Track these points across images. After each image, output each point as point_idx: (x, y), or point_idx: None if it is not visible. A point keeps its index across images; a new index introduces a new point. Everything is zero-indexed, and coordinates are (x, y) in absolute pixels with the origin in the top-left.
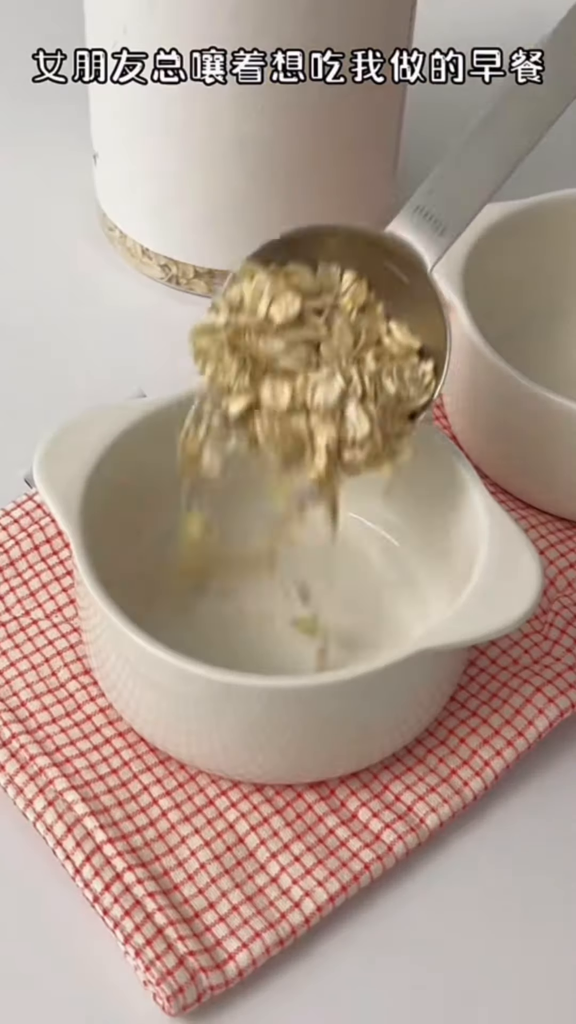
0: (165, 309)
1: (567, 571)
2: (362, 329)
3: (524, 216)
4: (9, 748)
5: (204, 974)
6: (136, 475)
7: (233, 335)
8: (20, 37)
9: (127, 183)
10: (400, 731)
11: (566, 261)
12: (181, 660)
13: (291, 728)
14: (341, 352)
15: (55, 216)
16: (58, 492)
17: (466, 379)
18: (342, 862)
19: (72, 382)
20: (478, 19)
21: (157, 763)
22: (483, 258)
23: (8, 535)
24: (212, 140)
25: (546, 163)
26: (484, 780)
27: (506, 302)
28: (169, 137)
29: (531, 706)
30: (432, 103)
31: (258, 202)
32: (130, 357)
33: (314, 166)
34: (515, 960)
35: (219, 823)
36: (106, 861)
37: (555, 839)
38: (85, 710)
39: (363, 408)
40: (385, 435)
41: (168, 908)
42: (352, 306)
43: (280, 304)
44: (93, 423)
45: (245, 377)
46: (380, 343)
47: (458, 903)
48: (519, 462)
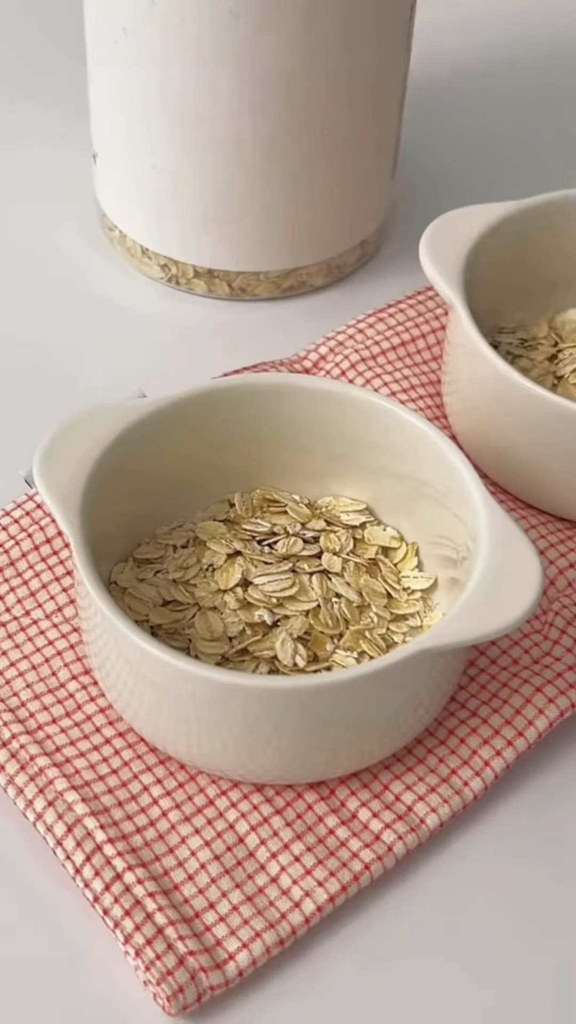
0: (165, 309)
1: (567, 571)
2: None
3: (524, 216)
4: (9, 748)
5: (204, 974)
6: (136, 475)
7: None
8: (19, 37)
9: (127, 183)
10: (400, 731)
11: (566, 261)
12: (181, 660)
13: (291, 728)
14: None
15: (55, 216)
16: (58, 492)
17: (466, 379)
18: (342, 862)
19: (72, 382)
20: (478, 20)
21: (157, 763)
22: (483, 258)
23: (8, 535)
24: (212, 140)
25: (546, 163)
26: (484, 780)
27: (506, 302)
28: (169, 137)
29: (531, 706)
30: (432, 103)
31: (258, 202)
32: (130, 357)
33: (314, 166)
34: (516, 960)
35: (219, 823)
36: (106, 861)
37: (556, 839)
38: (85, 710)
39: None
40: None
41: (168, 908)
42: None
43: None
44: (93, 423)
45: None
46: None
47: (458, 903)
48: (519, 462)
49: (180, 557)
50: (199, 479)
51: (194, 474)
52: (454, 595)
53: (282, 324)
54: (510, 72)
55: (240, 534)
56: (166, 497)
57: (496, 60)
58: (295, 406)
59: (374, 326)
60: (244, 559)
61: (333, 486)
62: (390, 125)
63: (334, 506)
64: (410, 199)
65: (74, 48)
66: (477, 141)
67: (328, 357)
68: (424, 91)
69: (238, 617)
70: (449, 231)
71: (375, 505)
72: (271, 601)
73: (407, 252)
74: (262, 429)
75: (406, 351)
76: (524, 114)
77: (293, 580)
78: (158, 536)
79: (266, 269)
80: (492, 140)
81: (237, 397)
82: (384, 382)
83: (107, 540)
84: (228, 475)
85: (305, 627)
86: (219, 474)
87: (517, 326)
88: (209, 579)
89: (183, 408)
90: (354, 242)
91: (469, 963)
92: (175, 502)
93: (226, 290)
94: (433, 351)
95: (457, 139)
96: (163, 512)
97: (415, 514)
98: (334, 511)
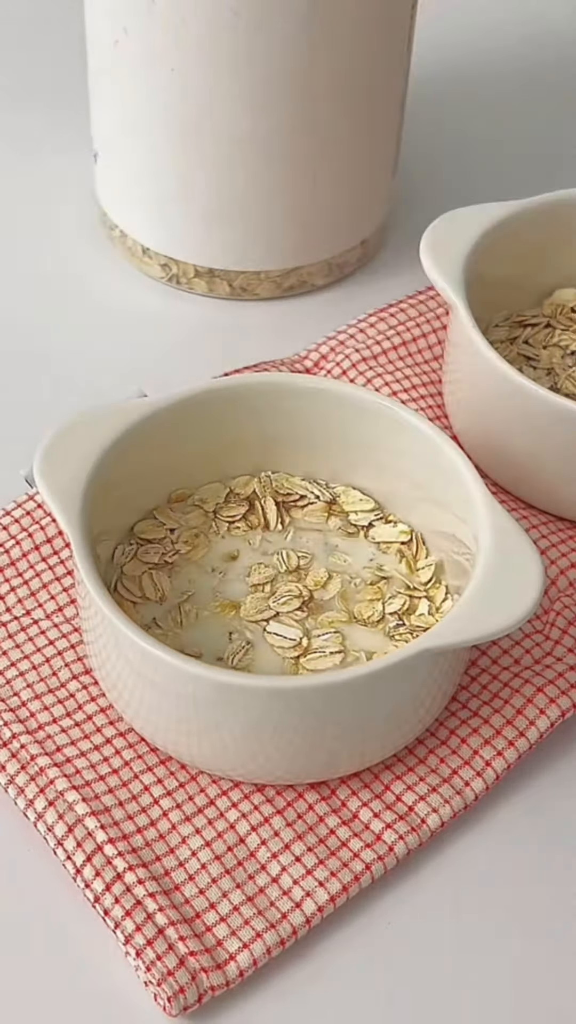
0: (165, 309)
1: (568, 571)
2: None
3: (524, 216)
4: (10, 748)
5: (205, 974)
6: (136, 475)
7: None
8: (19, 37)
9: (127, 183)
10: (401, 731)
11: (566, 261)
12: (181, 660)
13: (292, 728)
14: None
15: (55, 216)
16: (58, 492)
17: (466, 379)
18: (343, 862)
19: (72, 382)
20: (479, 19)
21: (158, 763)
22: (483, 258)
23: (8, 535)
24: (212, 140)
25: (546, 163)
26: (485, 780)
27: (506, 302)
28: (169, 136)
29: (532, 706)
30: (432, 103)
31: (258, 202)
32: (130, 357)
33: (314, 166)
34: (517, 960)
35: (220, 823)
36: (107, 861)
37: (557, 839)
38: (86, 710)
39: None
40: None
41: (169, 908)
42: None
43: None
44: (93, 423)
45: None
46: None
47: (459, 903)
48: (520, 462)
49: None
50: (199, 478)
51: (194, 473)
52: (455, 594)
53: (282, 324)
54: (510, 72)
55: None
56: (166, 496)
57: (496, 60)
58: (296, 406)
59: (375, 326)
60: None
61: (334, 486)
62: (390, 124)
63: (344, 502)
64: (411, 198)
65: (74, 48)
66: (478, 141)
67: (329, 357)
68: (424, 90)
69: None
70: (450, 231)
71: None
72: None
73: (408, 252)
74: (262, 429)
75: (407, 351)
76: (524, 114)
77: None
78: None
79: (267, 269)
80: (492, 140)
81: (237, 397)
82: (385, 382)
83: (107, 540)
84: (228, 474)
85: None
86: (219, 473)
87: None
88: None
89: (183, 408)
90: (355, 242)
91: (469, 963)
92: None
93: (227, 290)
94: (434, 351)
95: (458, 139)
96: (163, 512)
97: (416, 514)
98: (344, 507)
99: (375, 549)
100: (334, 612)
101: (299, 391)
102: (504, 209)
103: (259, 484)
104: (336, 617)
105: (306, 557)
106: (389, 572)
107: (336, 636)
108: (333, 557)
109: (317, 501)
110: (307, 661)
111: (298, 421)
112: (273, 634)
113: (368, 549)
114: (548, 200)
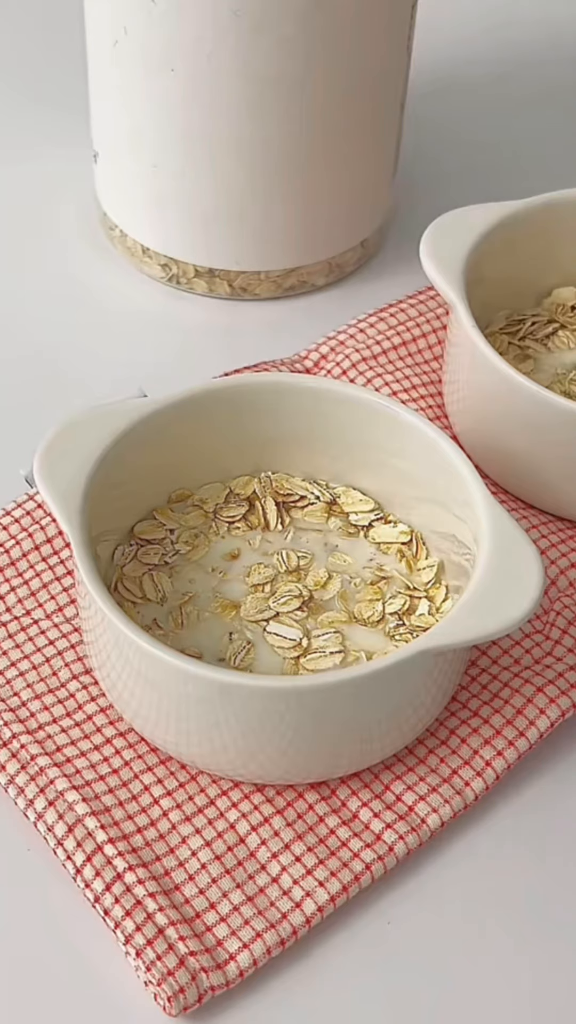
0: (165, 309)
1: (568, 571)
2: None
3: (524, 216)
4: (10, 748)
5: (205, 974)
6: (136, 475)
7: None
8: (19, 38)
9: (127, 182)
10: (401, 731)
11: (566, 261)
12: (181, 660)
13: (291, 728)
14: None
15: (55, 216)
16: (58, 492)
17: (466, 379)
18: (343, 862)
19: (72, 382)
20: (479, 20)
21: (158, 763)
22: (483, 258)
23: (9, 535)
24: (212, 140)
25: (546, 163)
26: (486, 780)
27: (506, 302)
28: (169, 136)
29: (532, 706)
30: (432, 103)
31: (258, 202)
32: (130, 357)
33: (314, 166)
34: (517, 960)
35: (220, 823)
36: (107, 861)
37: (557, 839)
38: (86, 710)
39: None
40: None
41: (169, 908)
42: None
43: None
44: (93, 423)
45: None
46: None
47: (460, 903)
48: (520, 462)
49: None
50: (199, 478)
51: (194, 473)
52: (455, 594)
53: (282, 324)
54: (510, 72)
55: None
56: (166, 496)
57: (496, 60)
58: (295, 406)
59: (375, 326)
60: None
61: (334, 486)
62: (390, 125)
63: (344, 502)
64: (411, 198)
65: (74, 48)
66: (478, 141)
67: (329, 357)
68: (424, 91)
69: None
70: (450, 231)
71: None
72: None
73: (408, 252)
74: (262, 429)
75: (407, 351)
76: (524, 114)
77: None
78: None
79: (267, 268)
80: (492, 140)
81: (237, 397)
82: (385, 382)
83: (107, 540)
84: (228, 474)
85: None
86: (219, 473)
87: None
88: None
89: (183, 408)
90: (355, 242)
91: (471, 963)
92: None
93: (227, 289)
94: (434, 351)
95: (458, 139)
96: (163, 512)
97: (416, 515)
98: (344, 507)
99: (375, 549)
100: (334, 612)
101: (299, 391)
102: (504, 209)
103: (259, 484)
104: (336, 617)
105: (306, 557)
106: (389, 572)
107: (336, 636)
108: (333, 557)
109: (317, 501)
110: (307, 661)
111: (298, 421)
112: (273, 634)
113: (368, 549)
114: (548, 200)
